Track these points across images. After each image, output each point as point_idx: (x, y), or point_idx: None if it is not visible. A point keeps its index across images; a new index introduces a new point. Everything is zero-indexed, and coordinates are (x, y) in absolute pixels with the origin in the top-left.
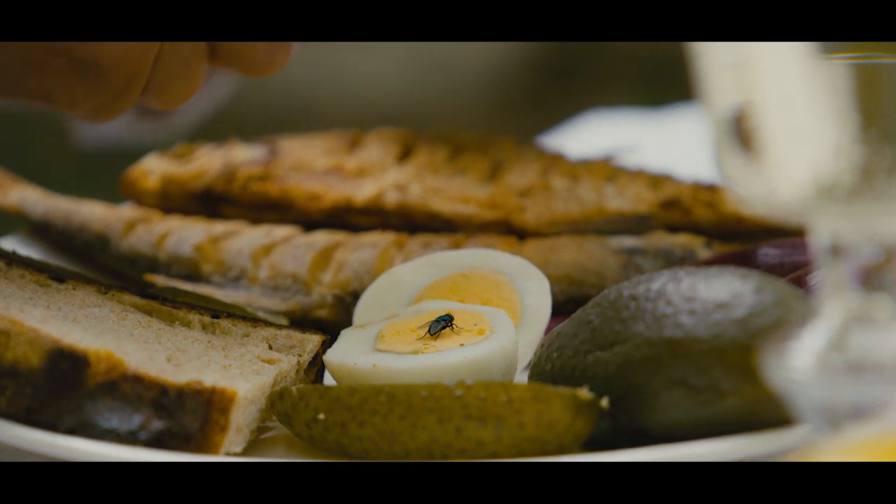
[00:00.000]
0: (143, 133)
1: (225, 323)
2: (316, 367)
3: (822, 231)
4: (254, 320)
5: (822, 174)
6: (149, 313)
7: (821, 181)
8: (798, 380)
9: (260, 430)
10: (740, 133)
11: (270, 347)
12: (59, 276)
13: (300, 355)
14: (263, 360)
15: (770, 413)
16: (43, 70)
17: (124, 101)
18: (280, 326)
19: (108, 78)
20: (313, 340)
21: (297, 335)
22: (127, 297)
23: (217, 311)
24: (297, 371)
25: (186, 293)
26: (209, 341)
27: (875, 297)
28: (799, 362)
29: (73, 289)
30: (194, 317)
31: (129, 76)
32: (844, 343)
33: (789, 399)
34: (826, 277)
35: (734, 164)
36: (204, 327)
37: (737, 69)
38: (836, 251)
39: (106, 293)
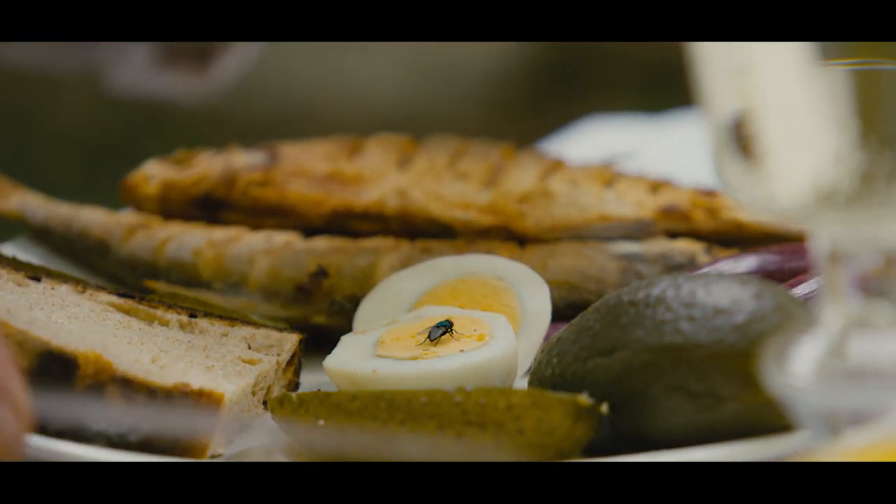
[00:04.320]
0: (178, 87)
1: (202, 322)
2: (293, 365)
3: (822, 237)
4: (231, 319)
5: (822, 180)
6: (127, 313)
7: (820, 187)
8: (798, 386)
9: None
10: (740, 139)
11: (249, 347)
12: (35, 276)
13: (279, 354)
14: (244, 361)
15: (769, 419)
16: None
17: None
18: (257, 325)
19: None
20: (291, 339)
21: (274, 334)
22: (104, 297)
23: (194, 310)
24: (276, 370)
25: (187, 298)
26: (189, 341)
27: (874, 303)
28: (798, 368)
29: (52, 288)
30: (172, 316)
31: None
32: (844, 349)
33: (789, 405)
34: (826, 283)
35: (734, 170)
36: (182, 326)
37: (736, 75)
38: (835, 257)
39: (83, 292)
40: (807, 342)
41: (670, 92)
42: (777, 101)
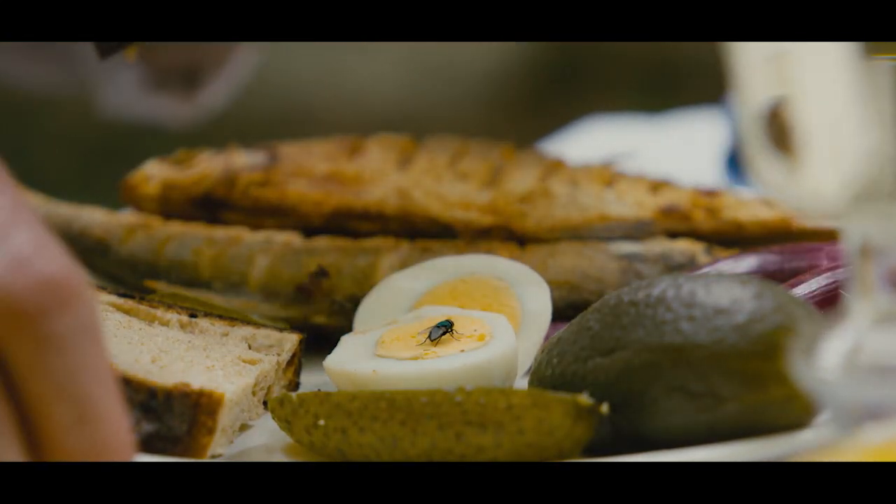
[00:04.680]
0: (169, 111)
1: (203, 322)
2: (294, 365)
3: (854, 231)
4: (231, 319)
5: (859, 174)
6: (127, 313)
7: (857, 181)
8: (826, 380)
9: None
10: (774, 132)
11: (250, 347)
12: None
13: (279, 354)
14: (245, 361)
15: (770, 419)
16: None
17: None
18: (258, 325)
19: None
20: (291, 339)
21: (275, 334)
22: (104, 297)
23: (194, 310)
24: (277, 370)
25: (187, 298)
26: (190, 341)
27: None
28: (827, 363)
29: None
30: (172, 316)
31: None
32: (872, 344)
33: (818, 399)
34: (856, 278)
35: (765, 163)
36: (182, 326)
37: (773, 65)
38: (866, 252)
39: None
40: (836, 337)
41: (670, 92)
42: (816, 91)
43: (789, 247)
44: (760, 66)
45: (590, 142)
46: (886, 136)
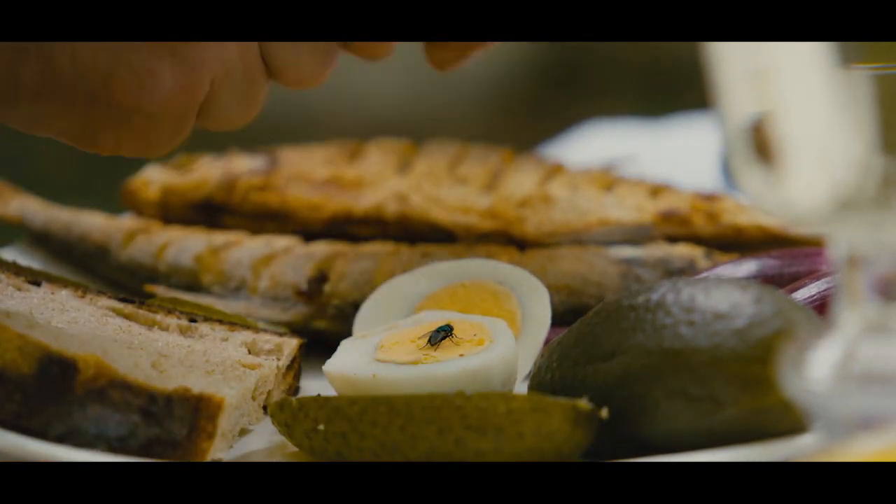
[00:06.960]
0: None
1: (202, 326)
2: (294, 370)
3: (840, 241)
4: (231, 323)
5: (842, 184)
6: (126, 317)
7: (840, 191)
8: (815, 390)
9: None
10: (758, 143)
11: (249, 352)
12: (35, 280)
13: (279, 359)
14: (245, 365)
15: (769, 424)
16: (86, 119)
17: (174, 140)
18: (257, 329)
19: (155, 124)
20: (291, 344)
21: (274, 339)
22: (104, 301)
23: (194, 315)
24: (277, 375)
25: (186, 303)
26: (189, 346)
27: (893, 308)
28: (816, 373)
29: (52, 293)
30: (172, 320)
31: (177, 120)
32: (861, 353)
33: (807, 409)
34: (844, 287)
35: (750, 175)
36: (182, 331)
37: (755, 78)
38: (853, 261)
39: (83, 297)
40: (824, 346)
41: (670, 96)
42: (798, 104)
43: (789, 251)
44: (744, 80)
45: (589, 146)
46: (868, 145)
